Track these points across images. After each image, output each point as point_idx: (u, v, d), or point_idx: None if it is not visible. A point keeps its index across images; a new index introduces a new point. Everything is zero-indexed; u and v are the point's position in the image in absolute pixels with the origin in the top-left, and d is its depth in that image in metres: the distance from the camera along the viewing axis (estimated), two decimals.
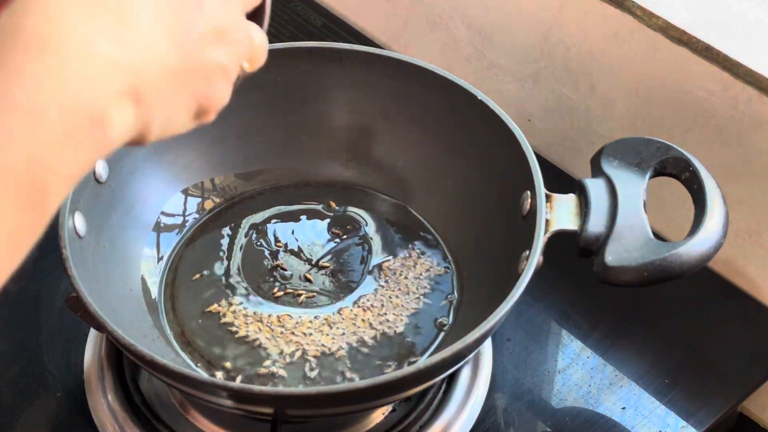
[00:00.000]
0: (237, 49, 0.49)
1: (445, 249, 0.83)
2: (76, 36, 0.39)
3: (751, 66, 0.77)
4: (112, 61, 0.39)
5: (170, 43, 0.42)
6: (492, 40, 0.97)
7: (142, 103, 0.41)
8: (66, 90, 0.38)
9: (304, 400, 0.64)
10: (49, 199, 0.38)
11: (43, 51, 0.38)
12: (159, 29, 0.42)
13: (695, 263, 0.66)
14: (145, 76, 0.41)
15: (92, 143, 0.39)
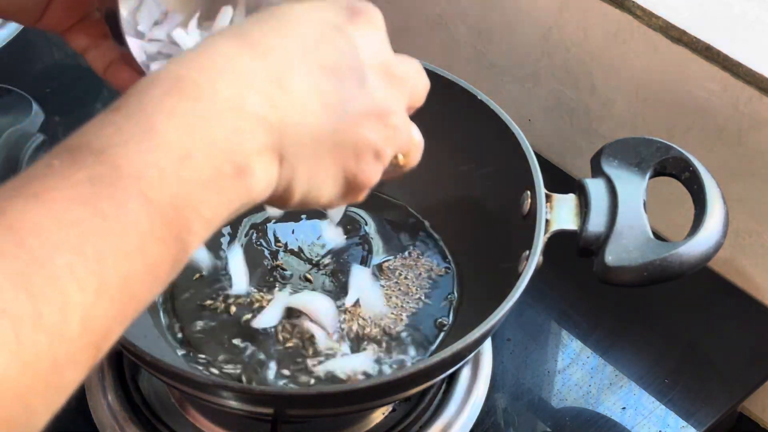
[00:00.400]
0: (394, 135, 0.50)
1: (445, 249, 0.83)
2: (231, 89, 0.41)
3: (751, 66, 0.77)
4: (259, 117, 0.41)
5: (322, 110, 0.44)
6: (492, 40, 0.97)
7: (285, 162, 0.43)
8: (214, 136, 0.40)
9: (304, 400, 0.64)
10: (189, 238, 0.39)
11: (197, 99, 0.40)
12: (314, 95, 0.43)
13: (695, 263, 0.66)
14: (290, 136, 0.42)
15: (234, 190, 0.41)
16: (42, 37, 1.11)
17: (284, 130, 0.42)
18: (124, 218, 0.37)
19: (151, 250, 0.38)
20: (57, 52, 1.11)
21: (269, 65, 0.42)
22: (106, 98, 1.05)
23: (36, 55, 1.10)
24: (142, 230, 0.37)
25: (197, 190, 0.39)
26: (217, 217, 0.40)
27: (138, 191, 0.37)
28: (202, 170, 0.39)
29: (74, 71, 1.09)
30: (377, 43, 0.49)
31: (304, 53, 0.44)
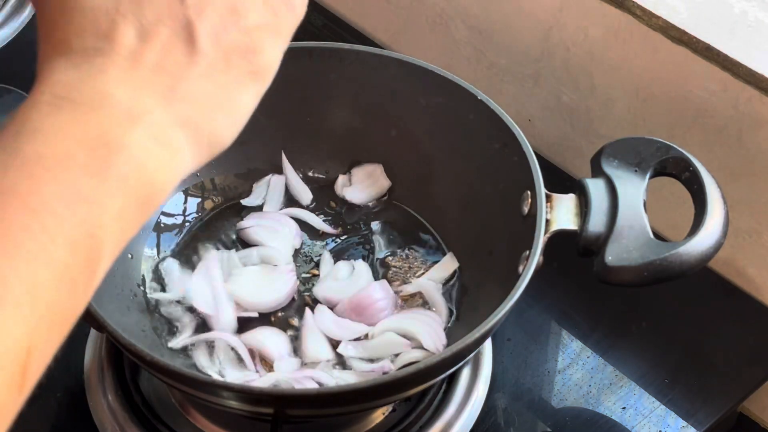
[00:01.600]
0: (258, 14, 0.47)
1: (445, 249, 0.83)
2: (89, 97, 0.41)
3: (751, 66, 0.77)
4: (125, 108, 0.41)
5: (165, 52, 0.43)
6: (492, 40, 0.97)
7: (188, 123, 0.43)
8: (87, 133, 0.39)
9: (304, 400, 0.64)
10: (100, 233, 0.38)
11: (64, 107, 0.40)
12: (162, 46, 0.42)
13: (695, 263, 0.66)
14: (169, 98, 0.42)
15: (132, 173, 0.40)
16: None
17: (163, 100, 0.42)
18: (7, 226, 0.36)
19: (53, 252, 0.36)
20: None
21: (113, 58, 0.42)
22: None
23: (36, 55, 1.10)
24: (34, 234, 0.36)
25: (90, 188, 0.38)
26: (126, 209, 0.40)
27: (19, 201, 0.36)
28: (86, 168, 0.38)
29: None
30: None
31: (114, 31, 0.42)
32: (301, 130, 0.87)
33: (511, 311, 0.65)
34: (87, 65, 0.41)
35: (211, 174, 0.86)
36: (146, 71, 0.42)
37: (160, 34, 0.43)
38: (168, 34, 0.43)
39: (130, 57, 0.42)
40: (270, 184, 0.87)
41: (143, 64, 0.42)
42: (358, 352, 0.75)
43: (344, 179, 0.88)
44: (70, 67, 0.41)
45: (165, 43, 0.43)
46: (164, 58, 0.43)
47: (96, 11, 0.42)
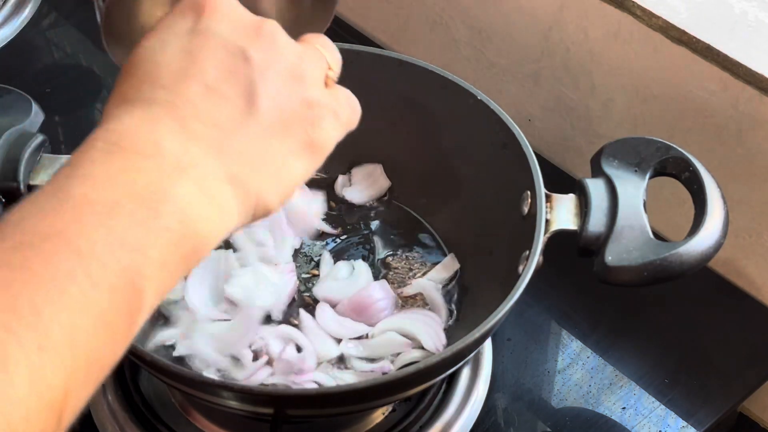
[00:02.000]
0: (312, 79, 0.49)
1: (446, 250, 0.83)
2: (143, 144, 0.42)
3: (751, 66, 0.77)
4: (180, 161, 0.41)
5: (234, 112, 0.44)
6: (492, 40, 0.97)
7: (237, 180, 0.43)
8: (136, 188, 0.40)
9: (304, 400, 0.64)
10: (143, 282, 0.39)
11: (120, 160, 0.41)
12: (219, 106, 0.44)
13: (695, 263, 0.66)
14: (225, 155, 0.43)
15: (179, 232, 0.41)
16: (42, 37, 1.11)
17: (214, 154, 0.42)
18: (53, 270, 0.36)
19: (95, 299, 0.37)
20: (57, 52, 1.11)
21: (170, 110, 0.43)
22: (106, 98, 1.05)
23: (36, 55, 1.10)
24: (78, 280, 0.36)
25: (135, 236, 0.39)
26: (169, 259, 0.40)
27: (66, 245, 0.37)
28: (133, 216, 0.39)
29: (74, 71, 1.09)
30: (240, 15, 0.47)
31: (176, 85, 0.43)
32: None
33: (511, 311, 0.65)
34: (142, 114, 0.42)
35: None
36: (200, 124, 0.43)
37: (221, 90, 0.44)
38: (229, 91, 0.44)
39: (186, 109, 0.43)
40: None
41: (198, 117, 0.43)
42: (359, 352, 0.75)
43: (344, 179, 0.88)
44: (125, 115, 0.42)
45: (224, 99, 0.44)
46: (221, 113, 0.43)
47: (164, 65, 0.44)
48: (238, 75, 0.44)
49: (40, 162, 0.73)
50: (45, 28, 1.13)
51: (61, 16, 1.15)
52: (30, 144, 0.72)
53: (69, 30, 1.13)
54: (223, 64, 0.44)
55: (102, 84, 1.07)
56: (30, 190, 0.71)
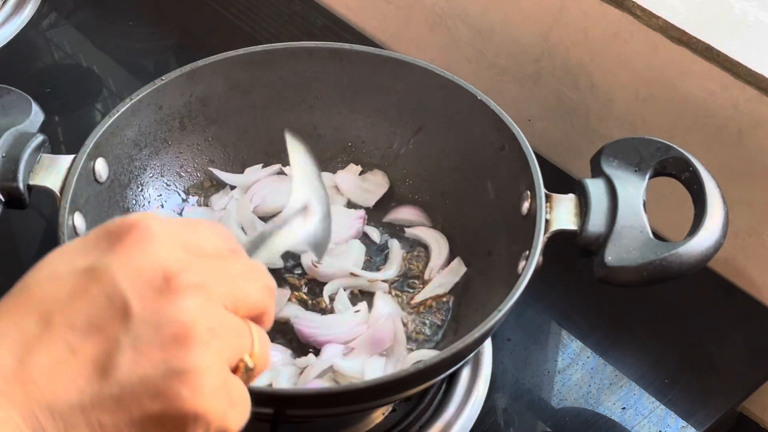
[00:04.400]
0: (200, 354, 0.42)
1: (447, 249, 0.83)
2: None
3: (751, 66, 0.77)
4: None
5: (82, 373, 0.40)
6: (492, 40, 0.97)
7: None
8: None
9: (304, 400, 0.64)
10: None
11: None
12: (66, 362, 0.40)
13: (695, 263, 0.66)
14: (50, 416, 0.39)
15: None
16: (42, 37, 1.12)
17: (38, 415, 0.39)
18: None
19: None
20: (57, 52, 1.11)
21: (2, 356, 0.39)
22: (106, 98, 1.06)
23: (36, 55, 1.10)
24: None
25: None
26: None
27: None
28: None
29: (74, 71, 1.09)
30: (153, 260, 0.42)
31: (47, 322, 0.40)
32: (300, 130, 0.87)
33: (511, 311, 0.65)
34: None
35: (210, 174, 0.86)
36: (30, 384, 0.39)
37: (76, 347, 0.40)
38: (85, 349, 0.40)
39: (28, 362, 0.40)
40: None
41: (33, 370, 0.39)
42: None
43: (344, 179, 0.88)
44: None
45: (75, 358, 0.40)
46: (64, 373, 0.40)
47: (40, 296, 0.41)
48: (104, 333, 0.40)
49: (40, 162, 0.73)
50: (45, 28, 1.13)
51: (61, 16, 1.15)
52: (30, 144, 0.72)
53: (69, 30, 1.13)
54: (95, 317, 0.40)
55: (102, 84, 1.07)
56: (30, 190, 0.71)
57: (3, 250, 0.88)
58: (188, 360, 0.40)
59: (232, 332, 0.43)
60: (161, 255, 0.42)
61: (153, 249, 0.42)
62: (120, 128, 0.77)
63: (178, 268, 0.42)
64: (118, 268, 0.41)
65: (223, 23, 1.13)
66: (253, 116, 0.86)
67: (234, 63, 0.82)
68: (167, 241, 0.43)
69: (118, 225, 0.43)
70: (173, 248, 0.43)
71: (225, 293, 0.43)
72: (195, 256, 0.43)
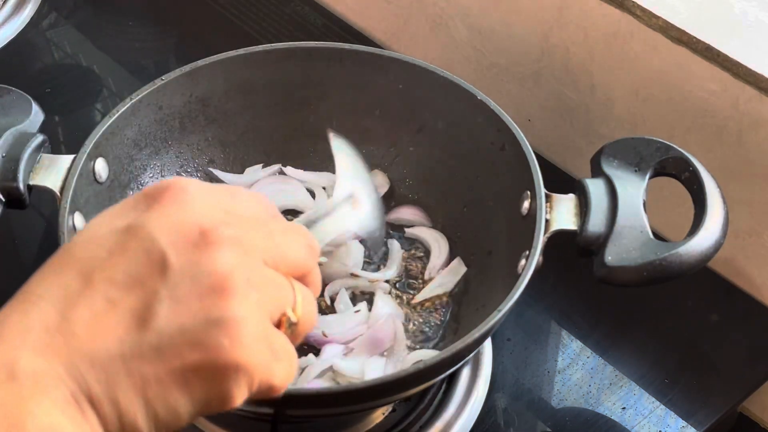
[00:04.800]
0: (245, 302, 0.42)
1: (447, 248, 0.83)
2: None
3: (751, 66, 0.77)
4: (37, 371, 0.39)
5: (122, 326, 0.40)
6: (492, 40, 0.97)
7: (101, 401, 0.40)
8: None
9: (304, 400, 0.64)
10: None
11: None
12: (106, 315, 0.40)
13: (695, 263, 0.66)
14: (92, 370, 0.39)
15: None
16: (42, 37, 1.11)
17: (80, 366, 0.39)
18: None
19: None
20: (57, 52, 1.11)
21: (46, 310, 0.40)
22: (106, 98, 1.06)
23: (36, 55, 1.10)
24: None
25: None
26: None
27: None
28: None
29: (74, 71, 1.09)
30: (189, 215, 0.43)
31: (88, 278, 0.41)
32: (301, 130, 0.87)
33: (511, 311, 0.65)
34: (21, 315, 0.40)
35: (210, 174, 0.86)
36: (72, 337, 0.40)
37: (117, 301, 0.41)
38: (125, 303, 0.41)
39: (71, 319, 0.40)
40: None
41: (76, 324, 0.40)
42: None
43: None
44: (7, 308, 0.41)
45: (115, 312, 0.40)
46: (106, 327, 0.40)
47: (82, 257, 0.42)
48: (144, 286, 0.41)
49: (40, 162, 0.73)
50: (45, 28, 1.13)
51: (61, 16, 1.15)
52: (30, 144, 0.72)
53: (69, 30, 1.13)
54: (135, 271, 0.41)
55: (102, 84, 1.07)
56: (30, 190, 0.71)
57: (3, 250, 0.88)
58: (227, 309, 0.40)
59: (272, 285, 0.43)
60: (198, 211, 0.43)
61: (189, 206, 0.43)
62: (120, 128, 0.77)
63: (214, 223, 0.42)
64: (156, 224, 0.42)
65: (223, 23, 1.13)
66: (253, 116, 0.86)
67: (234, 63, 0.82)
68: (203, 200, 0.44)
69: (156, 187, 0.44)
70: (210, 207, 0.43)
71: (264, 248, 0.43)
72: (231, 215, 0.44)
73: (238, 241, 0.42)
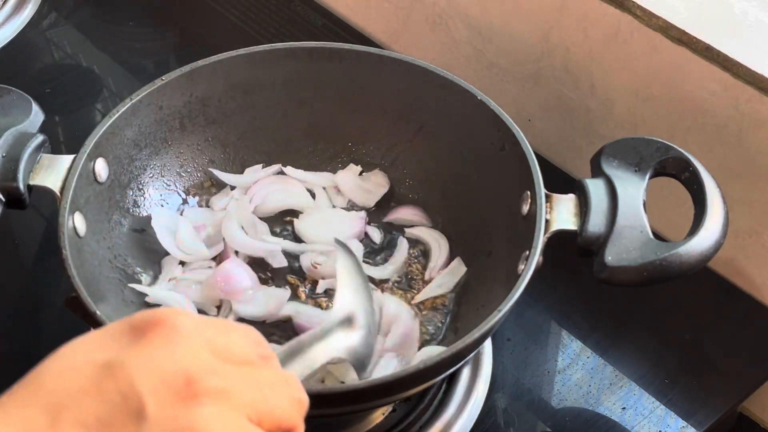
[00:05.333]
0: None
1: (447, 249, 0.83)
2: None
3: (751, 66, 0.77)
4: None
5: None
6: (492, 40, 0.97)
7: None
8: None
9: None
10: None
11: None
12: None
13: (695, 263, 0.66)
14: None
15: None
16: (42, 37, 1.12)
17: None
18: None
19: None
20: (57, 52, 1.11)
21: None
22: (106, 98, 1.06)
23: (36, 55, 1.10)
24: None
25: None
26: None
27: None
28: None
29: (74, 71, 1.09)
30: (176, 360, 0.39)
31: (55, 417, 0.37)
32: (301, 130, 0.87)
33: (511, 311, 0.65)
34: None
35: (211, 174, 0.86)
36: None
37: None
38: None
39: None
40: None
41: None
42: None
43: (345, 178, 0.88)
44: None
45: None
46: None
47: (51, 386, 0.39)
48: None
49: (40, 162, 0.73)
50: (45, 28, 1.13)
51: (61, 16, 1.15)
52: (30, 144, 0.72)
53: (69, 30, 1.13)
54: (107, 416, 0.38)
55: (102, 84, 1.07)
56: (30, 190, 0.71)
57: (3, 250, 0.88)
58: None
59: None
60: (185, 356, 0.40)
61: (178, 349, 0.40)
62: (120, 128, 0.77)
63: (201, 372, 0.39)
64: (138, 365, 0.39)
65: (223, 23, 1.13)
66: (253, 116, 0.86)
67: (234, 63, 0.82)
68: (194, 341, 0.40)
69: (144, 319, 0.41)
70: (199, 350, 0.40)
71: (249, 402, 0.41)
72: (221, 361, 0.41)
73: (223, 394, 0.39)
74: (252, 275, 0.78)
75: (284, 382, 0.44)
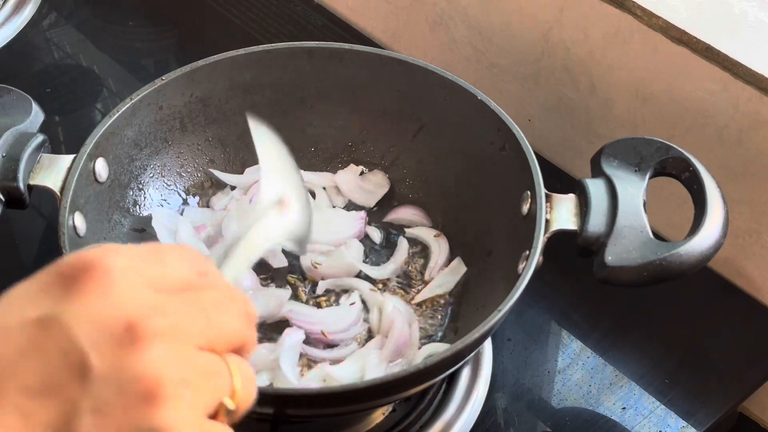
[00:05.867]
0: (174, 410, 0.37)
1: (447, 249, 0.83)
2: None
3: (751, 66, 0.77)
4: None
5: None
6: (492, 40, 0.97)
7: None
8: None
9: (304, 400, 0.64)
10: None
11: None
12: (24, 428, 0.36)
13: (695, 263, 0.66)
14: None
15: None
16: (42, 37, 1.11)
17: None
18: None
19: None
20: (57, 52, 1.11)
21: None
22: (106, 98, 1.06)
23: (36, 55, 1.10)
24: None
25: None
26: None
27: None
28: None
29: (74, 71, 1.09)
30: (114, 306, 0.37)
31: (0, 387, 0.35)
32: (301, 130, 0.87)
33: (511, 311, 0.65)
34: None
35: (210, 174, 0.86)
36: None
37: (28, 409, 0.36)
38: (38, 412, 0.36)
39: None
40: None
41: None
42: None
43: (345, 178, 0.88)
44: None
45: (27, 422, 0.36)
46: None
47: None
48: (61, 395, 0.36)
49: (40, 162, 0.73)
50: (45, 28, 1.13)
51: (61, 16, 1.15)
52: (30, 144, 0.72)
53: (69, 30, 1.13)
54: (51, 377, 0.36)
55: (102, 84, 1.07)
56: (30, 190, 0.72)
57: (3, 250, 0.88)
58: (159, 419, 0.36)
59: (208, 376, 0.39)
60: (122, 299, 0.37)
61: (113, 292, 0.37)
62: (120, 128, 0.77)
63: (141, 314, 0.37)
64: (74, 317, 0.36)
65: (223, 23, 1.13)
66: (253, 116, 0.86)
67: (234, 63, 0.82)
68: (129, 280, 0.38)
69: (73, 265, 0.38)
70: (135, 289, 0.38)
71: (196, 332, 0.39)
72: (161, 293, 0.39)
73: (168, 331, 0.37)
74: (252, 275, 0.78)
75: (229, 299, 0.41)
